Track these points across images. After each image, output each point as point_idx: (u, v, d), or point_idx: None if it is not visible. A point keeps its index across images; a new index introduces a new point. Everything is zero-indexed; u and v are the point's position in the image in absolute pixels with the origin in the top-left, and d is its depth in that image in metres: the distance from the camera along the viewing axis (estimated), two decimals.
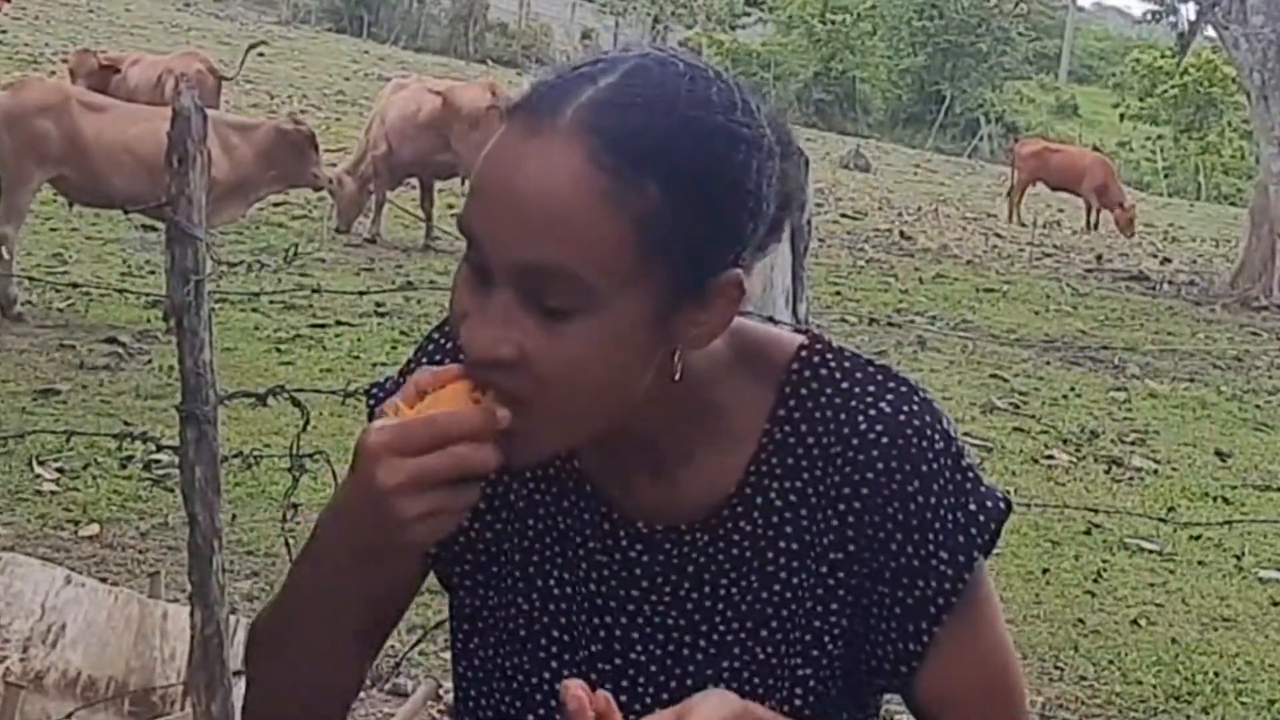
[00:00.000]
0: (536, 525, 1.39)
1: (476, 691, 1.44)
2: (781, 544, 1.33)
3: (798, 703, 1.34)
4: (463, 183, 13.87)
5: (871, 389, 1.32)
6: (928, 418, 1.32)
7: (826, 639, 1.33)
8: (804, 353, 1.35)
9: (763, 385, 1.34)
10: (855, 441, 1.31)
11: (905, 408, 1.31)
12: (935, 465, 1.31)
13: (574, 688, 1.16)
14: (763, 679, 1.34)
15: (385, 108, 13.18)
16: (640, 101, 1.18)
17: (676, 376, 1.26)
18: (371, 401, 1.46)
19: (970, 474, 1.33)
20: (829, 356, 1.35)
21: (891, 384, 1.33)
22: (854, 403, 1.32)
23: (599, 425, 1.25)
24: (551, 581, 1.38)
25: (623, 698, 1.35)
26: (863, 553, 1.32)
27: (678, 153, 1.18)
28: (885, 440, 1.30)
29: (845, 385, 1.33)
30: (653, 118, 1.18)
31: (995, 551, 1.37)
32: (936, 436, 1.31)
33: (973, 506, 1.32)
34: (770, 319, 1.33)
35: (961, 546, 1.31)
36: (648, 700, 1.36)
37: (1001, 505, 1.34)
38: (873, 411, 1.31)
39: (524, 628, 1.39)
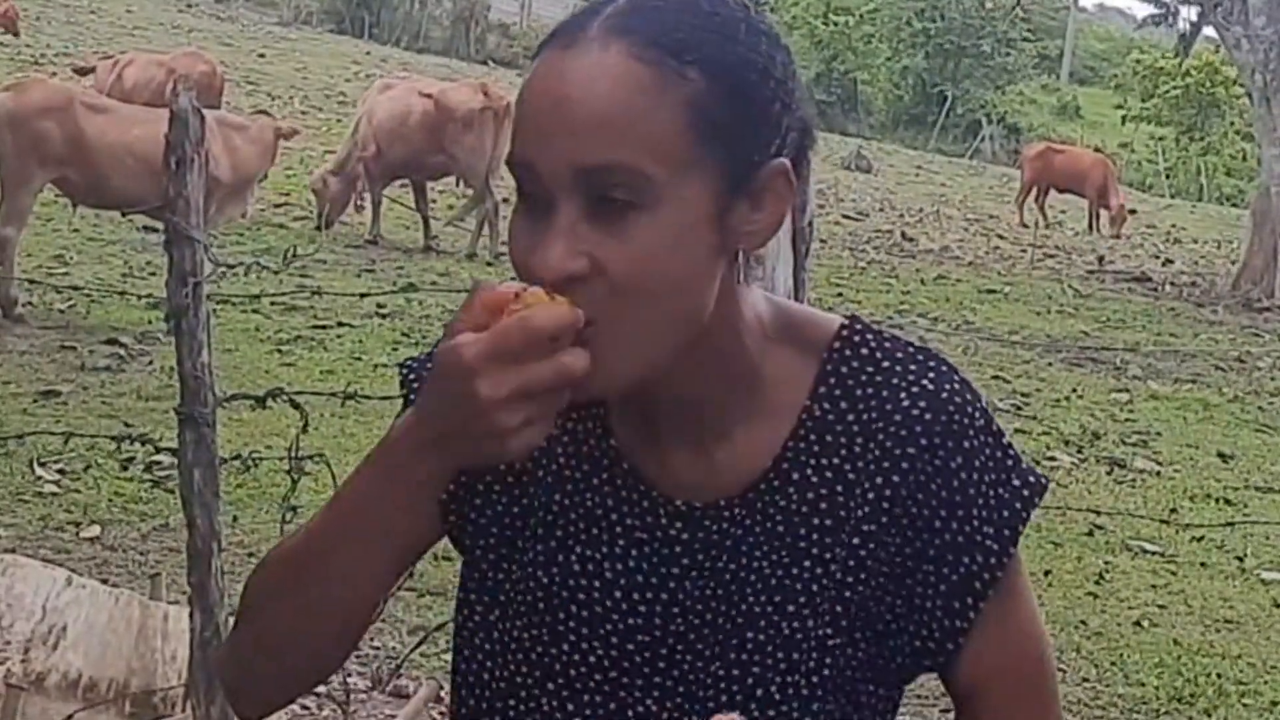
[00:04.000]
0: (563, 500, 1.39)
1: (485, 668, 1.43)
2: (815, 520, 1.34)
3: (826, 673, 1.34)
4: (458, 183, 13.89)
5: (913, 368, 1.34)
6: (968, 395, 1.34)
7: (854, 609, 1.34)
8: (845, 332, 1.37)
9: (804, 361, 1.35)
10: (898, 418, 1.32)
11: (947, 385, 1.34)
12: (978, 441, 1.33)
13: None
14: (788, 652, 1.34)
15: (372, 108, 13.14)
16: (663, 4, 1.24)
17: (741, 278, 1.30)
18: (407, 373, 1.45)
19: (1011, 451, 1.35)
20: (869, 336, 1.37)
21: (932, 363, 1.35)
22: (895, 380, 1.34)
23: (673, 343, 1.26)
24: (574, 557, 1.38)
25: (645, 670, 1.37)
26: (905, 530, 1.33)
27: (709, 41, 1.23)
28: (929, 417, 1.32)
29: (886, 364, 1.35)
30: (680, 14, 1.23)
31: None
32: (977, 414, 1.34)
33: (1016, 482, 1.34)
34: None
35: (1006, 521, 1.33)
36: (674, 675, 1.36)
37: (1043, 481, 1.37)
38: (915, 389, 1.33)
39: (543, 601, 1.39)
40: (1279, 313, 15.28)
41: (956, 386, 1.34)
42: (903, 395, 1.33)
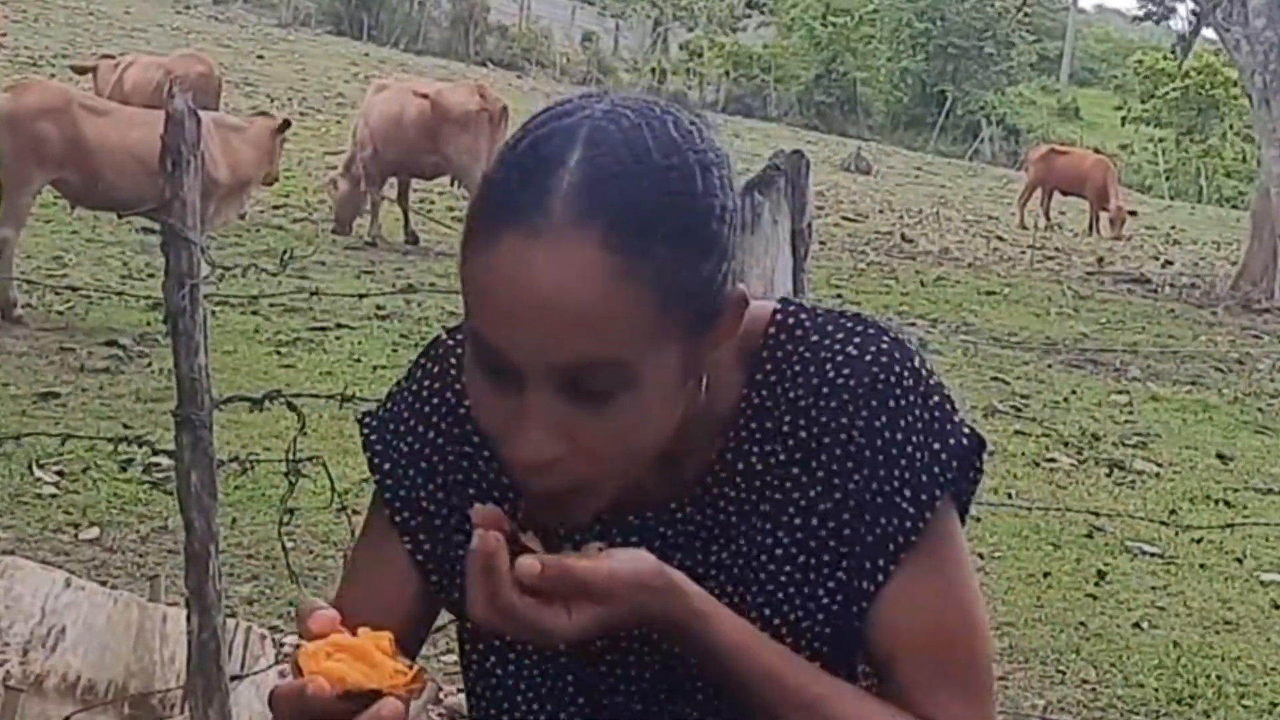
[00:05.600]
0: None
1: (491, 709, 1.44)
2: (764, 507, 1.34)
3: (800, 653, 1.34)
4: (452, 183, 13.89)
5: (840, 336, 1.33)
6: (896, 354, 1.32)
7: (821, 592, 1.33)
8: (778, 316, 1.36)
9: (743, 355, 1.35)
10: (825, 390, 1.32)
11: (872, 348, 1.32)
12: (903, 402, 1.31)
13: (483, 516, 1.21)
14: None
15: (368, 109, 13.22)
16: (619, 170, 1.18)
17: (702, 397, 1.28)
18: (369, 433, 1.46)
19: (938, 412, 1.32)
20: (803, 316, 1.36)
21: (859, 328, 1.34)
22: (823, 353, 1.33)
23: (644, 468, 1.27)
24: None
25: (630, 676, 1.37)
26: (847, 500, 1.32)
27: (672, 208, 1.19)
28: (853, 382, 1.31)
29: (815, 338, 1.34)
30: (637, 182, 1.18)
31: (996, 555, 1.37)
32: (905, 374, 1.31)
33: (937, 445, 1.31)
34: None
35: (924, 485, 1.31)
36: (658, 677, 1.37)
37: (966, 444, 1.32)
38: (839, 357, 1.32)
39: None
40: (1278, 314, 15.27)
41: (884, 347, 1.32)
42: (828, 366, 1.32)
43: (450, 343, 1.43)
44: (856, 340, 1.33)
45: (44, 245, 10.69)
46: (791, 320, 1.36)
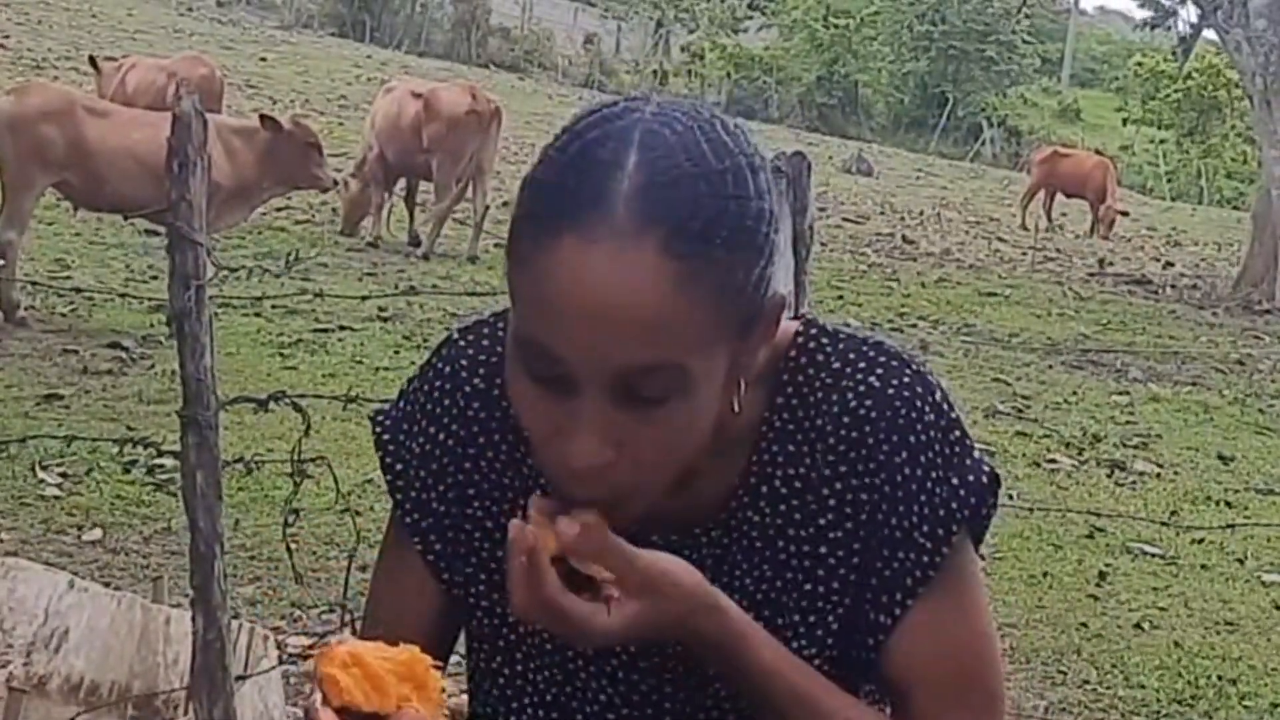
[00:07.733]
0: None
1: (496, 709, 1.45)
2: (790, 530, 1.34)
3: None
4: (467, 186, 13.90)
5: (862, 365, 1.33)
6: (918, 389, 1.33)
7: (831, 619, 1.34)
8: (799, 339, 1.36)
9: (762, 373, 1.34)
10: (846, 420, 1.32)
11: (895, 380, 1.32)
12: (924, 437, 1.31)
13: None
14: None
15: (375, 110, 13.35)
16: (678, 174, 1.17)
17: (736, 409, 1.27)
18: (381, 432, 1.46)
19: (958, 447, 1.33)
20: (824, 340, 1.36)
21: (883, 358, 1.34)
22: (845, 381, 1.33)
23: (681, 473, 1.27)
24: None
25: (653, 697, 1.38)
26: (859, 529, 1.33)
27: (729, 212, 1.18)
28: (875, 415, 1.31)
29: (837, 365, 1.34)
30: (697, 186, 1.17)
31: (997, 555, 1.38)
32: (926, 408, 1.32)
33: (955, 480, 1.32)
34: None
35: (942, 520, 1.32)
36: (679, 698, 1.37)
37: (984, 482, 1.34)
38: (862, 388, 1.32)
39: (549, 641, 1.40)
40: (1279, 315, 15.28)
41: (906, 380, 1.33)
42: (850, 395, 1.32)
43: (462, 344, 1.42)
44: (879, 371, 1.33)
45: (47, 248, 10.70)
46: (813, 344, 1.35)
